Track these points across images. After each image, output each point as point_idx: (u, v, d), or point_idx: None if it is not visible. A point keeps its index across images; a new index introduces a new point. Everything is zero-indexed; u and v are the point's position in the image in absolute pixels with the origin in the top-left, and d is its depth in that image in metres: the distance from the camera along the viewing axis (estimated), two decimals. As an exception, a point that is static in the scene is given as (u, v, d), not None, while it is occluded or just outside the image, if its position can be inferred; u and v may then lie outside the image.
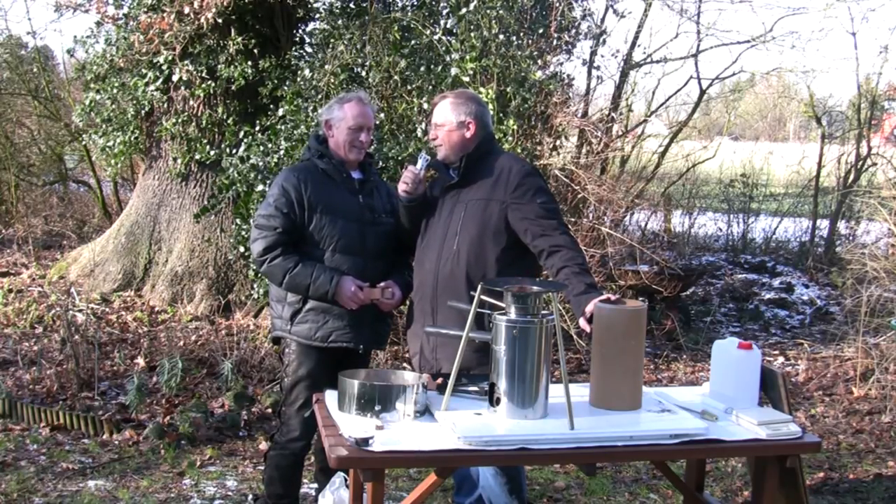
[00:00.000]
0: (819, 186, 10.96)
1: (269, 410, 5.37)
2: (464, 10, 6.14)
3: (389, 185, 4.00)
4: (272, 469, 3.69)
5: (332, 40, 6.53)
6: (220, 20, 6.69)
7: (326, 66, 6.28)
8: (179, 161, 7.47)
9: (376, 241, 3.59)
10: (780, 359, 7.14)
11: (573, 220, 6.65)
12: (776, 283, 9.63)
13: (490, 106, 5.86)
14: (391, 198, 3.75)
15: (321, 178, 3.58)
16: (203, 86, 7.09)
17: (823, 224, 11.02)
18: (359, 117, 3.58)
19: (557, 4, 6.73)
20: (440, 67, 6.10)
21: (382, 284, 3.54)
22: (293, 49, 7.17)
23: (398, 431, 2.74)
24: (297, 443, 3.64)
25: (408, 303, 3.71)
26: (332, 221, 3.52)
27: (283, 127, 6.24)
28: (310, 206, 3.51)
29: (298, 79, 6.48)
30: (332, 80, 6.20)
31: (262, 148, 6.28)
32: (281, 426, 3.69)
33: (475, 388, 3.07)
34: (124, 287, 7.61)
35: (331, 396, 3.04)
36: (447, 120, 3.50)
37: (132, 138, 7.76)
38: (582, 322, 3.16)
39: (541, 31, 6.72)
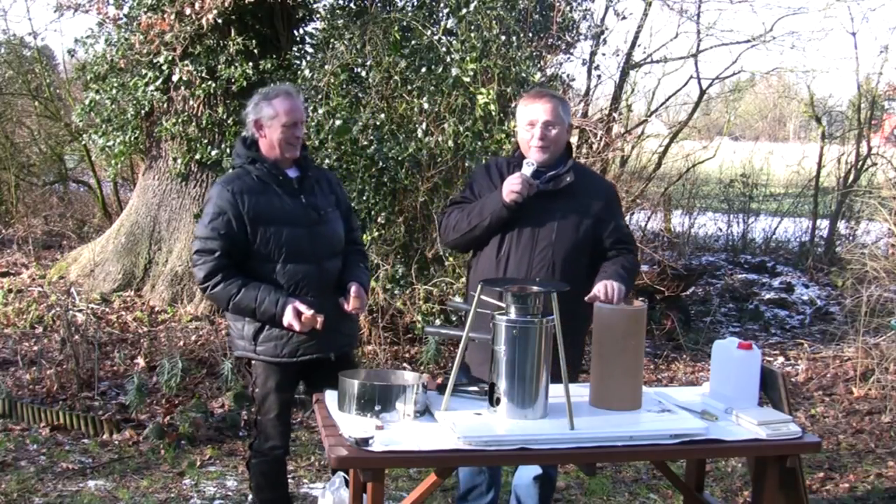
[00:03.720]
0: (819, 186, 10.96)
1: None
2: (464, 11, 6.14)
3: (329, 173, 3.80)
4: (258, 476, 3.61)
5: (332, 40, 6.53)
6: (220, 20, 6.68)
7: (326, 66, 6.29)
8: (179, 161, 7.46)
9: (327, 241, 3.43)
10: (780, 359, 7.14)
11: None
12: (776, 283, 9.63)
13: (491, 106, 5.86)
14: (333, 186, 3.59)
15: (257, 186, 3.36)
16: (203, 86, 7.09)
17: (823, 224, 11.02)
18: (292, 112, 3.36)
19: (558, 5, 6.74)
20: (440, 68, 6.10)
21: (353, 292, 3.38)
22: (293, 49, 7.17)
23: (398, 431, 2.74)
24: (278, 450, 3.56)
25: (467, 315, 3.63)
26: (278, 232, 3.32)
27: (283, 127, 6.23)
28: (251, 221, 3.31)
29: (298, 79, 6.48)
30: (332, 80, 6.21)
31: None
32: (258, 435, 3.59)
33: (475, 388, 3.07)
34: (124, 287, 7.61)
35: (331, 396, 3.04)
36: (560, 121, 3.39)
37: (132, 138, 7.75)
38: (589, 297, 3.18)
39: (541, 31, 6.73)
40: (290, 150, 3.40)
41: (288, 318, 3.27)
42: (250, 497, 4.28)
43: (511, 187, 3.32)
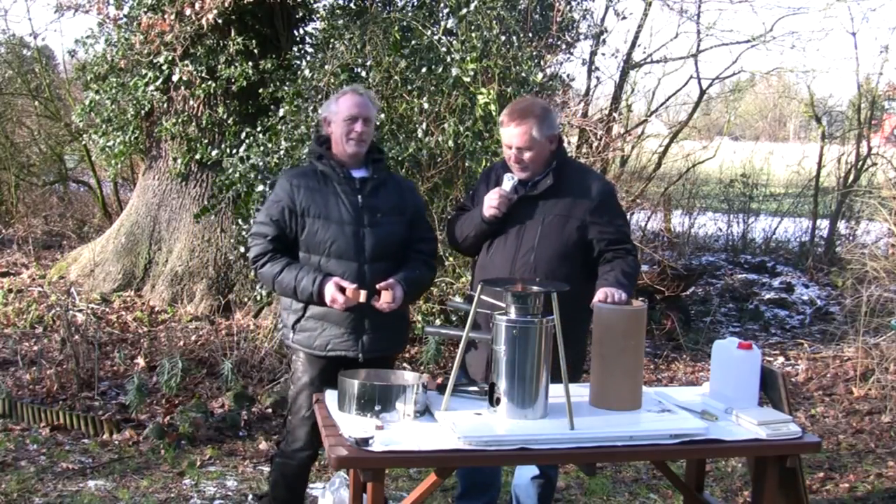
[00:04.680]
0: (819, 186, 10.95)
1: (269, 410, 5.37)
2: (464, 11, 6.13)
3: (403, 180, 3.84)
4: (278, 475, 3.64)
5: (332, 40, 6.53)
6: (220, 20, 6.68)
7: (326, 66, 6.29)
8: (179, 161, 7.46)
9: (376, 243, 3.45)
10: (780, 359, 7.14)
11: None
12: (776, 283, 9.63)
13: (491, 107, 5.86)
14: (404, 193, 3.61)
15: (317, 181, 3.48)
16: (203, 86, 7.09)
17: (823, 224, 11.02)
18: (353, 108, 3.45)
19: (558, 5, 6.74)
20: (441, 68, 6.10)
21: (382, 284, 3.37)
22: (293, 49, 7.17)
23: (398, 431, 2.74)
24: (303, 452, 3.55)
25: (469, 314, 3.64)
26: (325, 226, 3.41)
27: (283, 127, 6.25)
28: (302, 213, 3.43)
29: (298, 79, 6.48)
30: (332, 80, 6.20)
31: (262, 148, 6.28)
32: (287, 435, 3.61)
33: (475, 388, 3.07)
34: (124, 287, 7.61)
35: (331, 396, 3.04)
36: (535, 143, 3.37)
37: (132, 138, 7.75)
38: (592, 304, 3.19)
39: (541, 31, 6.73)
40: (350, 144, 3.47)
41: (330, 292, 3.31)
42: (250, 497, 4.29)
43: (489, 203, 3.41)
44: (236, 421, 5.23)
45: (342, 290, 3.31)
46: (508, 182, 3.41)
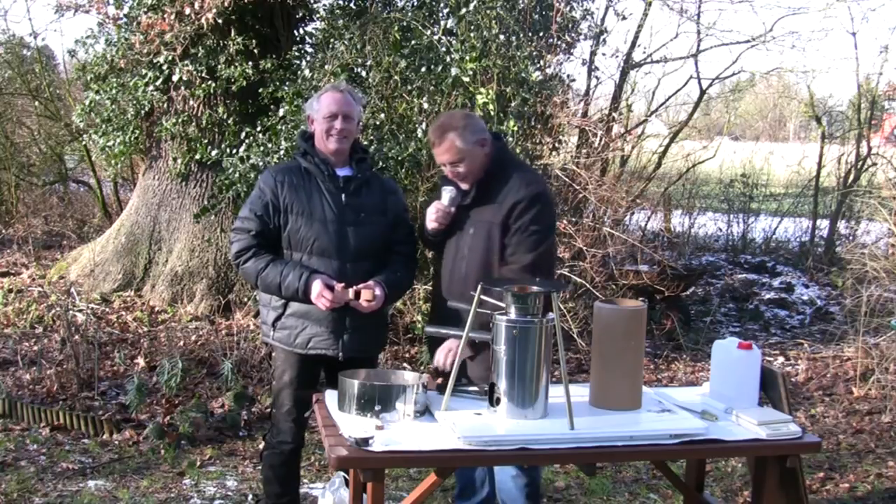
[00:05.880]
0: (819, 186, 10.96)
1: (269, 410, 5.37)
2: (464, 11, 6.13)
3: (389, 182, 3.87)
4: (267, 469, 3.69)
5: (332, 40, 6.53)
6: (220, 20, 6.69)
7: (326, 66, 6.29)
8: (179, 161, 7.46)
9: (360, 242, 3.44)
10: (780, 359, 7.14)
11: (574, 220, 6.65)
12: (776, 283, 9.63)
13: (490, 106, 5.86)
14: (386, 195, 3.60)
15: (301, 177, 3.48)
16: (203, 86, 7.09)
17: (823, 224, 11.02)
18: (332, 105, 3.46)
19: (558, 5, 6.74)
20: (440, 68, 6.10)
21: (361, 285, 3.37)
22: (293, 49, 7.17)
23: (398, 431, 2.74)
24: (287, 445, 3.60)
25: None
26: (308, 223, 3.41)
27: (283, 127, 6.24)
28: (285, 209, 3.43)
29: (298, 79, 6.48)
30: (332, 80, 6.20)
31: (262, 148, 6.28)
32: (271, 427, 3.68)
33: (475, 388, 3.07)
34: (124, 287, 7.61)
35: (331, 396, 3.04)
36: (464, 152, 3.36)
37: (132, 138, 7.74)
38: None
39: (541, 31, 6.73)
40: (331, 141, 3.48)
41: (317, 289, 3.31)
42: (250, 497, 4.29)
43: (429, 217, 3.46)
44: (236, 421, 5.23)
45: (330, 287, 3.32)
46: (446, 195, 3.45)
